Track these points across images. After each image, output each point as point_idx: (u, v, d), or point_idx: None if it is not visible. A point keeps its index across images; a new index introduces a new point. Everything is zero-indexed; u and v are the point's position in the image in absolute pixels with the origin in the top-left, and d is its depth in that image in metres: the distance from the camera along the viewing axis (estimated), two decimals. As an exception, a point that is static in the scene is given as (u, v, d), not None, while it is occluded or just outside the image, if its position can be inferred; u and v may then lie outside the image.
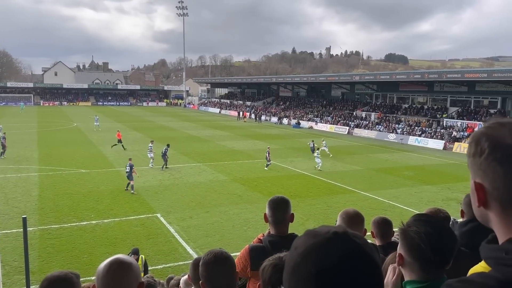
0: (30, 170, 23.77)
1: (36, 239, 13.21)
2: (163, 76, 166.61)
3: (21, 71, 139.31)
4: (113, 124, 51.85)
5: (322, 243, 0.89)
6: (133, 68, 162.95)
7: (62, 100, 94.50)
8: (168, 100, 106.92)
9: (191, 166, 26.20)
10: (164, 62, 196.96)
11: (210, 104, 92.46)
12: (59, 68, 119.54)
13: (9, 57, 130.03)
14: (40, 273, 10.94)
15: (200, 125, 53.76)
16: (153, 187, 20.59)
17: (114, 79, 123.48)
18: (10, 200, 17.65)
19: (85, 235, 13.87)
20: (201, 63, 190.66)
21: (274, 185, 21.77)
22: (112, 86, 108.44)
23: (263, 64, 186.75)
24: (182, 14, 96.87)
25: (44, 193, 18.94)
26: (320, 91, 68.91)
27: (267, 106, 74.45)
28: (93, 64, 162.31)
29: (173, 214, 16.42)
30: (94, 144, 34.37)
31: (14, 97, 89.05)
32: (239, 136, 43.14)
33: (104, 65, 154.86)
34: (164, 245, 13.23)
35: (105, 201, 17.93)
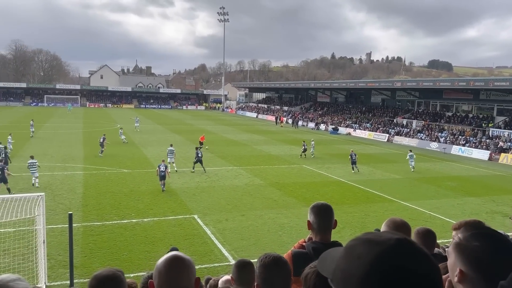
0: (76, 169, 24.87)
1: (80, 235, 13.80)
2: (203, 80, 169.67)
3: (70, 74, 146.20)
4: (155, 126, 53.36)
5: (390, 251, 0.89)
6: (174, 73, 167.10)
7: (107, 102, 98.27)
8: (206, 104, 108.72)
9: (228, 170, 26.50)
10: (204, 67, 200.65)
11: (247, 109, 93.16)
12: (105, 71, 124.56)
13: (59, 60, 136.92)
14: (82, 268, 11.43)
15: (238, 129, 54.26)
16: (191, 189, 21.00)
17: (156, 82, 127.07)
18: (56, 196, 18.54)
19: (125, 233, 14.36)
20: (239, 68, 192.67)
21: (309, 191, 21.63)
22: (154, 90, 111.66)
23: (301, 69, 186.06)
24: (223, 20, 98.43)
25: (88, 191, 19.78)
26: (359, 97, 67.83)
27: (304, 112, 74.11)
28: (137, 68, 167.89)
29: (209, 216, 16.67)
30: (136, 145, 35.48)
31: (62, 98, 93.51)
32: (275, 141, 43.19)
33: (148, 69, 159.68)
34: (201, 246, 13.46)
35: (145, 201, 18.48)
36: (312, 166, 28.97)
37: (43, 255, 10.08)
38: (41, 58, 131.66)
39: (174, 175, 23.99)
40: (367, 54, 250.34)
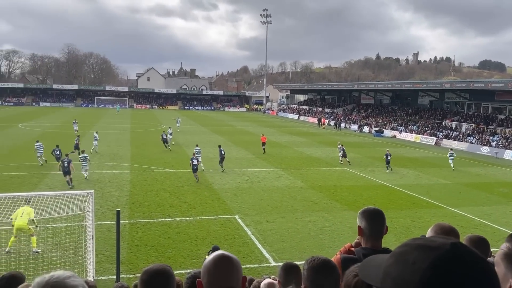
0: (123, 168, 25.84)
1: (126, 231, 14.31)
2: (245, 82, 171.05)
3: (118, 76, 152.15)
4: (198, 127, 54.43)
5: (446, 256, 0.88)
6: (217, 75, 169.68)
7: (153, 103, 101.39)
8: (248, 105, 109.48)
9: (269, 171, 26.54)
10: (246, 68, 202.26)
11: (289, 110, 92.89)
12: (151, 74, 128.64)
13: (108, 63, 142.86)
14: (128, 264, 11.85)
15: (279, 131, 54.22)
16: (232, 189, 21.22)
17: (200, 85, 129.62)
18: (105, 194, 19.35)
19: (169, 231, 14.74)
20: (281, 70, 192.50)
21: (352, 194, 21.23)
22: (198, 92, 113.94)
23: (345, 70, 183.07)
24: (266, 22, 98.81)
25: (135, 189, 20.49)
26: (405, 99, 65.78)
27: (347, 113, 72.88)
28: (181, 70, 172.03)
29: (250, 216, 16.77)
30: (180, 145, 36.34)
31: (111, 100, 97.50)
32: (317, 143, 42.76)
33: (192, 71, 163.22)
34: (241, 246, 13.56)
35: (188, 200, 18.89)
36: (355, 169, 28.43)
37: (91, 250, 10.55)
38: (92, 61, 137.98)
39: (216, 176, 24.35)
40: (413, 54, 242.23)
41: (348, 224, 16.03)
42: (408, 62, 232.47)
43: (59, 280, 1.24)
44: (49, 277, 1.25)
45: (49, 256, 11.96)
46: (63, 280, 1.24)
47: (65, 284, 1.23)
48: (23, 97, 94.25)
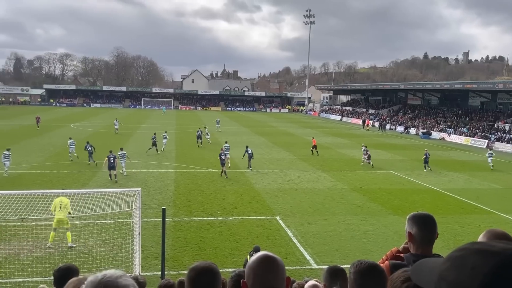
0: (168, 167, 26.57)
1: (171, 229, 14.70)
2: (287, 83, 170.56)
3: (164, 78, 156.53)
4: (240, 128, 54.95)
5: (509, 262, 0.85)
6: (259, 76, 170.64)
7: (197, 105, 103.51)
8: (290, 106, 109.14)
9: (310, 173, 26.32)
10: (289, 69, 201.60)
11: (331, 111, 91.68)
12: (196, 76, 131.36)
13: (155, 66, 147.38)
14: (173, 261, 12.17)
15: (321, 132, 53.64)
16: (273, 190, 21.24)
17: (242, 86, 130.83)
18: (151, 192, 19.98)
19: (211, 230, 15.00)
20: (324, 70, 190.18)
21: (397, 198, 20.62)
22: (240, 93, 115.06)
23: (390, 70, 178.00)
24: (309, 22, 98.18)
25: (179, 188, 21.01)
26: (455, 100, 63.04)
27: (392, 114, 70.87)
28: (224, 72, 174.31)
29: (291, 218, 16.72)
30: (221, 145, 36.78)
31: (158, 101, 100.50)
32: (360, 145, 41.82)
33: (234, 73, 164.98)
34: (282, 247, 13.55)
35: (230, 200, 19.12)
36: (400, 172, 27.61)
37: (138, 247, 10.92)
38: (140, 63, 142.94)
39: (257, 176, 24.47)
40: (464, 53, 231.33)
41: (393, 229, 15.59)
42: (458, 62, 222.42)
43: (112, 279, 1.28)
44: (101, 276, 1.30)
45: (97, 251, 12.50)
46: (115, 280, 1.28)
47: (117, 284, 1.28)
48: (75, 98, 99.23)
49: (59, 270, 3.54)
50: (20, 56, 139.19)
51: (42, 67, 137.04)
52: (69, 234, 13.13)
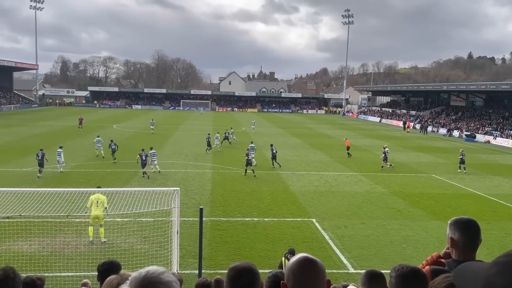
0: (205, 167, 26.96)
1: (208, 228, 14.91)
2: (324, 84, 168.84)
3: (202, 81, 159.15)
4: (276, 130, 54.94)
5: None
6: (296, 77, 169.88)
7: (234, 106, 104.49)
8: (327, 108, 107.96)
9: (348, 175, 25.90)
10: (326, 70, 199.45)
11: (370, 113, 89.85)
12: (233, 77, 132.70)
13: (194, 68, 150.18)
14: (209, 260, 12.33)
15: (359, 134, 52.69)
16: (309, 192, 21.07)
17: (278, 87, 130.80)
18: (188, 192, 20.35)
19: (247, 230, 15.08)
20: (363, 71, 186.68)
21: (439, 203, 19.91)
22: (276, 94, 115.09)
23: (432, 71, 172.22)
24: (348, 23, 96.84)
25: (216, 188, 21.28)
26: (501, 101, 60.16)
27: (434, 116, 68.53)
28: (261, 73, 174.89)
29: (328, 221, 16.52)
30: (259, 147, 36.94)
31: (196, 103, 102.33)
32: (401, 147, 40.76)
33: (271, 74, 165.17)
34: (319, 250, 13.41)
35: (265, 201, 19.15)
36: (442, 176, 26.66)
37: (176, 245, 11.15)
38: (179, 66, 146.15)
39: (293, 178, 24.38)
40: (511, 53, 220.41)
41: (434, 234, 15.07)
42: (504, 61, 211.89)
43: (155, 275, 1.33)
44: (145, 272, 1.34)
45: (138, 249, 12.87)
46: (158, 276, 1.33)
47: (160, 279, 1.32)
48: (118, 100, 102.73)
49: (103, 265, 3.70)
50: (66, 60, 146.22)
51: (87, 70, 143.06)
52: (102, 230, 13.64)
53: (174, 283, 1.34)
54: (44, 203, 13.30)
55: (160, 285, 1.31)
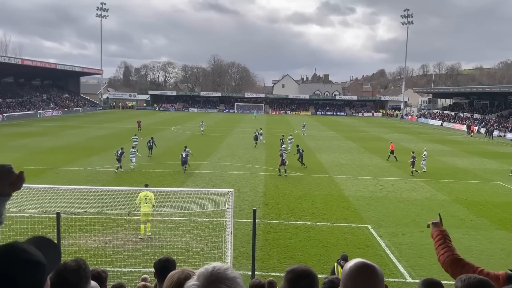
0: (258, 170, 27.16)
1: (260, 230, 14.99)
2: (381, 86, 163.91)
3: (256, 84, 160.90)
4: (329, 133, 54.15)
5: None
6: (351, 79, 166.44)
7: (287, 109, 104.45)
8: (383, 110, 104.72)
9: (406, 181, 24.93)
10: (383, 72, 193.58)
11: (430, 116, 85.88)
12: (286, 80, 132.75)
13: (248, 71, 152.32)
14: (262, 262, 12.39)
15: (418, 138, 50.54)
16: (365, 198, 20.53)
17: (333, 90, 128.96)
18: (241, 193, 20.59)
19: (300, 234, 14.98)
20: (423, 72, 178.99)
21: (506, 212, 18.58)
22: (330, 97, 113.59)
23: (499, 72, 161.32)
24: (407, 23, 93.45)
25: (268, 191, 21.36)
26: None
27: (501, 120, 64.11)
28: (315, 76, 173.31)
29: (384, 228, 16.00)
30: (311, 150, 36.62)
31: (249, 106, 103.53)
32: (464, 152, 38.57)
33: (325, 77, 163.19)
34: (374, 258, 13.01)
35: (318, 205, 18.92)
36: (510, 183, 24.87)
37: (230, 245, 11.32)
38: (234, 70, 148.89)
39: (347, 182, 23.88)
40: None
41: (500, 246, 14.10)
42: None
43: (221, 271, 1.39)
44: (211, 268, 1.41)
45: (193, 247, 13.23)
46: (224, 272, 1.39)
47: (226, 275, 1.38)
48: (176, 103, 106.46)
49: (159, 262, 3.86)
50: (128, 65, 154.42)
51: (147, 75, 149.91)
52: (149, 225, 14.35)
53: (238, 279, 1.40)
54: (106, 201, 14.08)
55: (226, 280, 1.36)
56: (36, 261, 1.35)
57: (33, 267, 1.34)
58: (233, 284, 1.37)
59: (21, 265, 1.30)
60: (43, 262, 1.37)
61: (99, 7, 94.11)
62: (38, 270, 1.35)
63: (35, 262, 1.34)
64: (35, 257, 1.36)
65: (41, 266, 1.36)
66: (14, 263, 1.30)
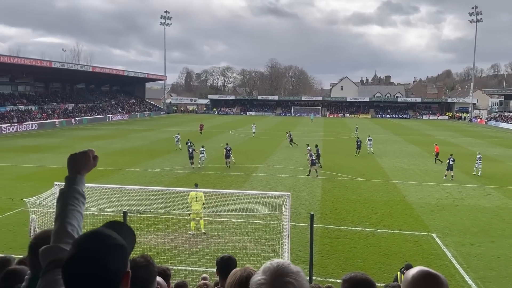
0: (316, 174, 26.83)
1: (318, 235, 14.82)
2: (447, 87, 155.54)
3: (313, 87, 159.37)
4: (390, 137, 52.27)
5: None
6: (415, 81, 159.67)
7: (345, 112, 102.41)
8: (450, 113, 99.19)
9: (474, 188, 23.43)
10: (449, 72, 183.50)
11: (502, 119, 79.97)
12: (345, 83, 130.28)
13: (305, 74, 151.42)
14: (319, 267, 12.24)
15: (488, 142, 47.27)
16: (429, 205, 19.57)
17: (394, 92, 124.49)
18: (298, 197, 20.48)
19: (359, 241, 14.60)
20: (493, 72, 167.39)
21: None
22: (392, 99, 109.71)
23: None
24: (475, 20, 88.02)
25: (326, 195, 21.06)
26: None
27: None
28: (375, 78, 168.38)
29: (450, 237, 15.15)
30: (372, 154, 35.59)
31: (306, 109, 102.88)
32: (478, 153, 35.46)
33: (386, 78, 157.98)
34: (439, 268, 12.35)
35: (379, 211, 18.33)
36: None
37: (287, 249, 11.32)
38: (291, 73, 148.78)
39: (410, 188, 22.91)
40: None
41: None
42: None
43: (285, 265, 1.46)
44: (276, 263, 1.48)
45: (251, 249, 13.38)
46: (288, 266, 1.47)
47: (290, 269, 1.45)
48: (234, 107, 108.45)
49: (222, 260, 3.99)
50: (190, 71, 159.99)
51: (207, 80, 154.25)
52: (202, 222, 14.88)
53: (301, 272, 1.46)
54: (168, 201, 14.68)
55: (292, 274, 1.43)
56: (120, 245, 1.48)
57: (118, 250, 1.47)
58: (298, 277, 1.43)
59: (109, 249, 1.44)
60: (125, 245, 1.50)
61: (163, 16, 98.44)
62: (123, 253, 1.49)
63: (119, 245, 1.48)
64: (118, 240, 1.49)
65: (124, 249, 1.50)
66: (102, 247, 1.43)
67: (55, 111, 66.02)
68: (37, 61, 60.85)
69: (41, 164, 28.43)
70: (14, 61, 55.32)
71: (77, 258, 1.41)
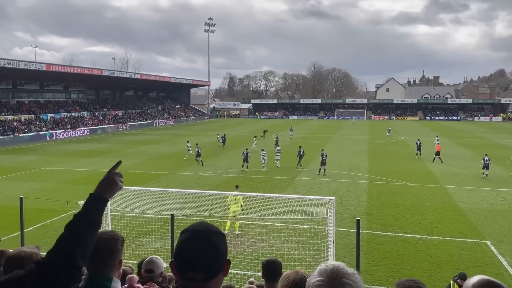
0: (361, 178, 26.28)
1: (364, 241, 14.45)
2: (500, 87, 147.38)
3: (358, 89, 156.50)
4: (440, 139, 50.17)
5: None
6: (465, 81, 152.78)
7: (391, 114, 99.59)
8: (504, 114, 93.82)
9: (534, 193, 21.98)
10: (503, 72, 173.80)
11: None
12: (391, 84, 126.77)
13: (349, 77, 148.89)
14: (366, 274, 11.92)
15: (549, 145, 44.20)
16: (483, 211, 18.58)
17: (444, 93, 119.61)
18: (343, 202, 20.12)
19: (408, 247, 14.11)
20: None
21: None
22: (441, 100, 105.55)
23: None
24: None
25: (372, 200, 20.54)
26: None
27: None
28: (423, 79, 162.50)
29: (506, 244, 14.29)
30: (421, 158, 34.34)
31: (350, 112, 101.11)
32: None
33: (435, 79, 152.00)
34: (494, 277, 11.45)
35: (429, 217, 17.62)
36: None
37: (332, 254, 11.13)
38: (334, 76, 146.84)
39: (462, 193, 21.87)
40: None
41: None
42: None
43: (341, 267, 1.47)
44: (331, 265, 1.49)
45: (295, 254, 13.29)
46: (344, 268, 1.47)
47: (346, 271, 1.45)
48: (276, 111, 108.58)
49: (268, 264, 4.00)
50: (233, 76, 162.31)
51: (250, 84, 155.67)
52: (237, 224, 15.23)
53: (357, 274, 1.46)
54: (214, 204, 14.89)
55: (347, 275, 1.43)
56: (222, 233, 1.71)
57: (223, 236, 1.69)
58: (355, 279, 1.43)
59: (216, 233, 1.66)
60: (224, 235, 1.73)
61: (207, 23, 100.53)
62: (224, 241, 1.70)
63: (222, 233, 1.71)
64: (219, 229, 1.70)
65: (225, 238, 1.71)
66: (212, 231, 1.65)
67: (106, 117, 69.07)
68: (89, 70, 64.00)
69: (93, 168, 29.80)
70: (68, 70, 58.44)
71: (192, 238, 1.61)
